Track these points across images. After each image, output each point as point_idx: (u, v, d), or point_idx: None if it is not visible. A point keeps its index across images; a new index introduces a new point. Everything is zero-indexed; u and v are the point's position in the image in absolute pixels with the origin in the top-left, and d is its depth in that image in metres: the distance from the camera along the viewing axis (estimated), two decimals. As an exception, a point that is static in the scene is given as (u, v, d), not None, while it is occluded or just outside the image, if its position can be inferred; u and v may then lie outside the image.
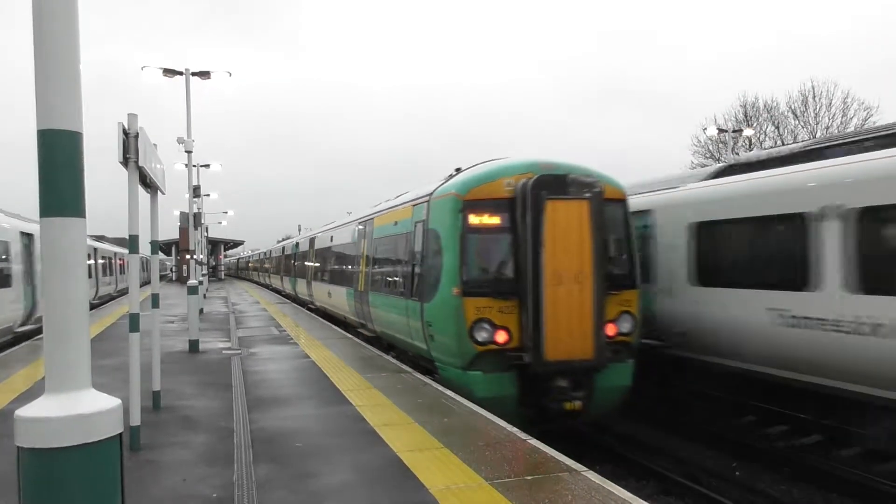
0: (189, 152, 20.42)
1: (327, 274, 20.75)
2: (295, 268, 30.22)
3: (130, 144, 6.20)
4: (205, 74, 20.74)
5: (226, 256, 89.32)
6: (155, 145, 7.29)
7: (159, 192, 7.88)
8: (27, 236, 16.61)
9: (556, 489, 5.34)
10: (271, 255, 47.71)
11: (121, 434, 2.82)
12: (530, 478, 5.63)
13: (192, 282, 16.29)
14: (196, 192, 23.92)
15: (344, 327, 17.89)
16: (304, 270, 26.77)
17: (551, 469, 5.86)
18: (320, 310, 23.08)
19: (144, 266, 41.75)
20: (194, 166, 25.05)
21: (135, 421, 6.60)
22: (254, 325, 19.10)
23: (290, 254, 32.84)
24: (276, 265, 41.18)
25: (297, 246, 30.77)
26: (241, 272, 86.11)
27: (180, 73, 20.33)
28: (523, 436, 6.90)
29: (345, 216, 22.08)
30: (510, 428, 7.19)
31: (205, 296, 29.58)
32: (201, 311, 21.06)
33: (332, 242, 20.22)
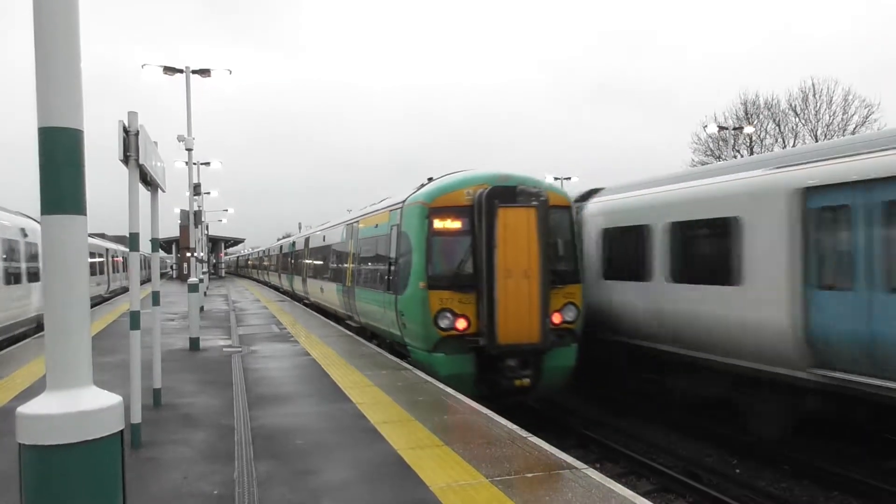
0: (189, 150, 20.40)
1: (320, 271, 21.79)
2: (292, 265, 31.04)
3: (131, 142, 6.18)
4: (205, 72, 20.75)
5: (226, 254, 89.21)
6: (155, 143, 7.28)
7: (160, 190, 7.87)
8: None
9: (556, 486, 5.35)
10: (270, 254, 48.02)
11: (122, 431, 2.81)
12: (531, 475, 5.64)
13: (193, 279, 16.24)
14: (196, 189, 23.91)
15: (336, 321, 18.59)
16: (300, 268, 27.77)
17: (552, 466, 5.86)
18: (314, 304, 23.98)
19: (145, 264, 42.25)
20: (195, 164, 25.09)
21: (136, 418, 6.60)
22: (254, 323, 19.10)
23: (287, 252, 33.75)
24: (275, 263, 41.49)
25: (293, 245, 31.60)
26: (241, 270, 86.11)
27: (180, 71, 20.35)
28: (524, 433, 6.91)
29: (345, 214, 22.22)
30: (510, 426, 7.20)
31: (205, 293, 29.62)
32: (202, 308, 21.05)
33: (325, 242, 21.16)
